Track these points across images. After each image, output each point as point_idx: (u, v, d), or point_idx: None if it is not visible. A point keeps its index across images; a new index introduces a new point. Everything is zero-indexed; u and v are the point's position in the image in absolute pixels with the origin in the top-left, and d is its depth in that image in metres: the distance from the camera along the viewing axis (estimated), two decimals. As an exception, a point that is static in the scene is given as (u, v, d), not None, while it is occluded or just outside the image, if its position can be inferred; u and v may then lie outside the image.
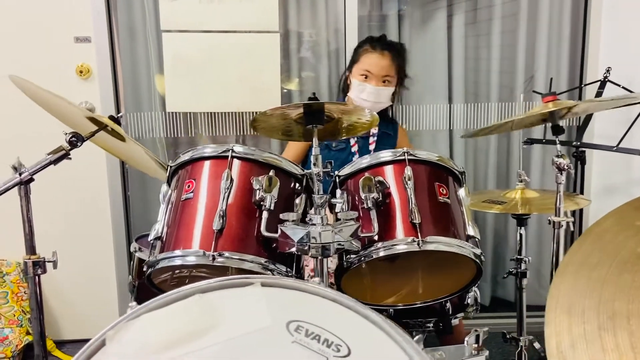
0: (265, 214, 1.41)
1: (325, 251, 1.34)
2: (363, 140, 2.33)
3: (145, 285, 1.57)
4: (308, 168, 1.49)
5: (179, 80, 2.62)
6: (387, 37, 2.42)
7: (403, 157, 1.53)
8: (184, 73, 2.61)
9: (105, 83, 2.65)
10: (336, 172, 1.59)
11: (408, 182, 1.49)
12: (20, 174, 1.50)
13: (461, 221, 1.54)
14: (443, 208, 1.52)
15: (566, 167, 1.54)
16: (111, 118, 1.66)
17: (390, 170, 1.54)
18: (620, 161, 2.68)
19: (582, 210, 2.83)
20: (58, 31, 2.58)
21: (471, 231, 1.52)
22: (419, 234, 1.43)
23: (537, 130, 2.80)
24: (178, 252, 1.40)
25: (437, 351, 1.22)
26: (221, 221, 1.39)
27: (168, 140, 2.83)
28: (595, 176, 2.77)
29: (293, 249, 1.36)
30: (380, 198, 1.47)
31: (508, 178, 2.99)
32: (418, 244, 1.42)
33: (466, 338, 1.24)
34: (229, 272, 1.56)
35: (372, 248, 1.46)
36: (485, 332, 1.23)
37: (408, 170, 1.50)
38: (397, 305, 1.66)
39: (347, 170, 1.58)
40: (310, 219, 1.37)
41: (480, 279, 1.58)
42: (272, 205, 1.41)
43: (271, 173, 1.46)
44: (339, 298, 0.83)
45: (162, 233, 1.47)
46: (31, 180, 1.52)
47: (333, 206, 1.54)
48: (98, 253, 2.77)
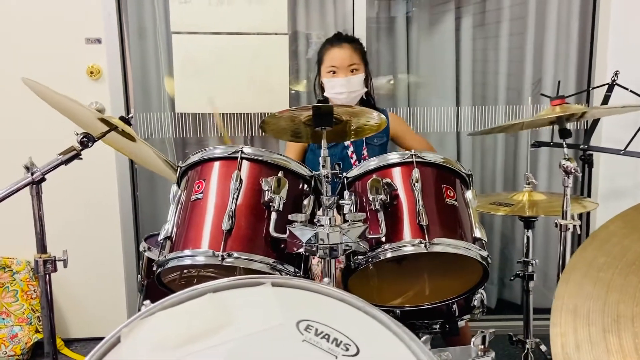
0: (273, 215, 1.42)
1: (333, 252, 1.35)
2: None
3: (153, 284, 1.58)
4: (315, 169, 1.50)
5: (188, 81, 2.64)
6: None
7: (411, 159, 1.54)
8: (193, 74, 2.63)
9: (115, 84, 2.67)
10: (344, 174, 1.60)
11: (415, 184, 1.49)
12: (32, 174, 1.52)
13: (468, 223, 1.54)
14: (450, 210, 1.53)
15: (573, 170, 1.55)
16: (122, 119, 1.68)
17: (398, 172, 1.55)
18: (627, 164, 2.67)
19: (589, 213, 2.83)
20: (69, 32, 2.61)
21: (478, 233, 1.53)
22: (426, 236, 1.43)
23: (545, 132, 2.80)
24: (187, 252, 1.42)
25: (444, 352, 1.23)
26: (230, 221, 1.40)
27: (177, 140, 2.85)
28: (602, 179, 2.77)
29: (301, 250, 1.37)
30: (387, 200, 1.48)
31: (515, 180, 3.00)
32: (425, 246, 1.42)
33: (472, 339, 1.24)
34: (237, 272, 1.58)
35: (380, 249, 1.47)
36: (491, 334, 1.23)
37: (416, 172, 1.51)
38: (404, 306, 1.67)
39: (355, 171, 1.59)
40: (318, 220, 1.38)
41: (486, 281, 1.59)
42: (281, 206, 1.42)
43: (280, 174, 1.47)
44: (348, 298, 0.84)
45: (172, 233, 1.49)
46: (43, 179, 1.54)
47: (341, 207, 1.55)
48: (107, 252, 2.79)
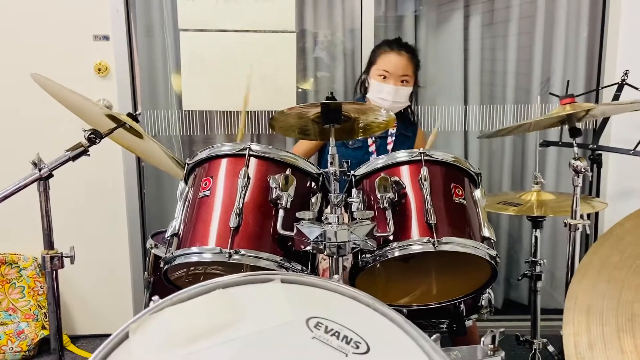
0: (281, 212, 1.41)
1: (340, 250, 1.35)
2: (381, 140, 2.33)
3: (160, 281, 1.59)
4: (324, 166, 1.50)
5: (196, 78, 2.64)
6: (403, 39, 2.42)
7: (419, 158, 1.53)
8: (201, 72, 2.63)
9: (122, 81, 2.67)
10: (352, 172, 1.59)
11: (424, 183, 1.49)
12: (39, 170, 1.52)
13: (477, 222, 1.54)
14: (459, 209, 1.52)
15: (583, 170, 1.54)
16: (129, 115, 1.67)
17: (406, 170, 1.54)
18: (636, 165, 2.65)
19: (598, 213, 2.81)
20: (77, 29, 2.61)
21: (487, 232, 1.52)
22: (435, 235, 1.43)
23: (553, 132, 2.79)
24: (194, 249, 1.41)
25: (453, 351, 1.22)
26: (238, 219, 1.39)
27: (184, 138, 2.85)
28: (611, 179, 2.75)
29: (308, 248, 1.36)
30: (396, 198, 1.47)
31: (523, 180, 2.98)
32: (433, 245, 1.42)
33: (482, 338, 1.23)
34: (244, 270, 1.57)
35: (387, 248, 1.46)
36: (501, 333, 1.22)
37: (424, 170, 1.50)
38: (411, 305, 1.66)
39: (363, 169, 1.58)
40: (326, 218, 1.38)
41: (495, 281, 1.58)
42: (289, 203, 1.42)
43: (288, 172, 1.47)
44: (358, 295, 0.83)
45: (179, 230, 1.49)
46: (50, 176, 1.54)
47: (349, 205, 1.54)
48: (113, 249, 2.79)
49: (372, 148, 2.33)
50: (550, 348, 2.09)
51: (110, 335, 0.83)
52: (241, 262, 1.39)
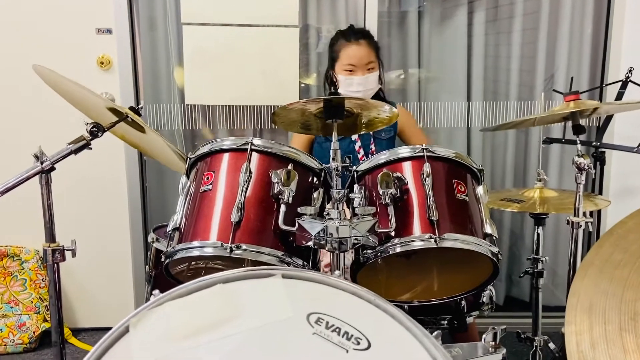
0: (283, 207, 1.41)
1: (342, 246, 1.34)
2: None
3: (161, 275, 1.58)
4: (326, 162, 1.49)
5: (198, 72, 2.63)
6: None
7: (422, 154, 1.53)
8: (203, 66, 2.62)
9: (125, 74, 2.67)
10: (354, 167, 1.59)
11: (426, 179, 1.48)
12: (41, 163, 1.52)
13: (479, 219, 1.53)
14: (461, 205, 1.52)
15: (586, 167, 1.53)
16: (132, 109, 1.67)
17: (408, 166, 1.54)
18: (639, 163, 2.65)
19: (600, 211, 2.80)
20: (79, 22, 2.60)
21: (489, 229, 1.51)
22: (436, 231, 1.42)
23: (556, 129, 2.78)
24: (196, 243, 1.41)
25: (453, 348, 1.22)
26: (239, 213, 1.39)
27: (186, 132, 2.84)
28: (613, 177, 2.74)
29: (310, 243, 1.36)
30: (398, 194, 1.47)
31: (525, 177, 2.97)
32: (435, 241, 1.41)
33: (484, 335, 1.23)
34: (245, 265, 1.57)
35: (389, 244, 1.46)
36: (502, 330, 1.22)
37: (426, 166, 1.49)
38: (412, 301, 1.66)
39: (366, 165, 1.58)
40: (327, 214, 1.37)
41: (496, 278, 1.57)
42: (290, 198, 1.41)
43: (290, 167, 1.47)
44: (359, 291, 0.83)
45: (181, 224, 1.49)
46: (52, 169, 1.54)
47: (350, 201, 1.54)
48: (115, 243, 2.79)
49: (355, 136, 2.32)
50: (551, 345, 2.09)
51: (111, 328, 0.83)
52: (242, 257, 1.39)
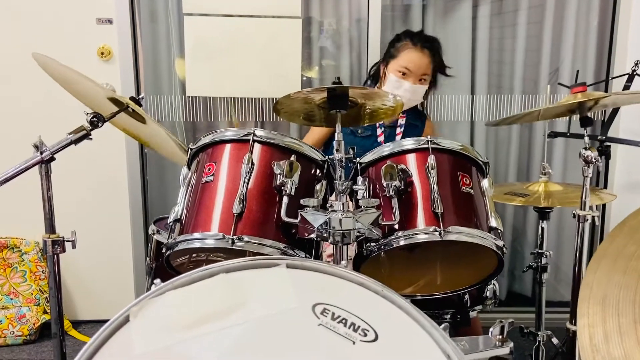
0: (285, 199, 1.39)
1: (345, 238, 1.32)
2: (390, 129, 2.30)
3: (162, 267, 1.57)
4: (330, 153, 1.47)
5: (200, 64, 2.61)
6: (410, 28, 2.37)
7: (426, 146, 1.51)
8: (205, 57, 2.60)
9: (125, 65, 2.65)
10: (358, 159, 1.57)
11: (431, 171, 1.46)
12: (41, 153, 1.49)
13: (484, 212, 1.51)
14: (466, 198, 1.50)
15: (594, 160, 1.51)
16: (132, 99, 1.65)
17: (413, 158, 1.52)
18: (644, 157, 2.63)
19: (605, 205, 2.79)
20: (80, 12, 2.58)
21: (494, 222, 1.50)
22: (441, 224, 1.41)
23: (560, 123, 2.76)
24: (197, 235, 1.40)
25: (460, 342, 1.20)
26: (241, 205, 1.37)
27: (187, 124, 2.83)
28: (619, 171, 2.72)
29: (313, 235, 1.34)
30: (402, 186, 1.45)
31: (529, 171, 2.96)
32: (440, 234, 1.39)
33: (490, 329, 1.22)
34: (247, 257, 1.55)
35: (393, 237, 1.44)
36: (510, 324, 1.20)
37: (431, 159, 1.47)
38: (415, 295, 1.64)
39: (369, 157, 1.56)
40: (330, 206, 1.35)
41: (501, 271, 1.56)
42: (293, 190, 1.39)
43: (292, 158, 1.44)
44: (367, 282, 0.81)
45: (182, 215, 1.47)
46: (52, 159, 1.51)
47: (354, 193, 1.52)
48: (115, 235, 2.78)
49: (381, 138, 2.29)
50: (554, 340, 2.08)
51: (112, 318, 0.82)
52: (244, 249, 1.37)
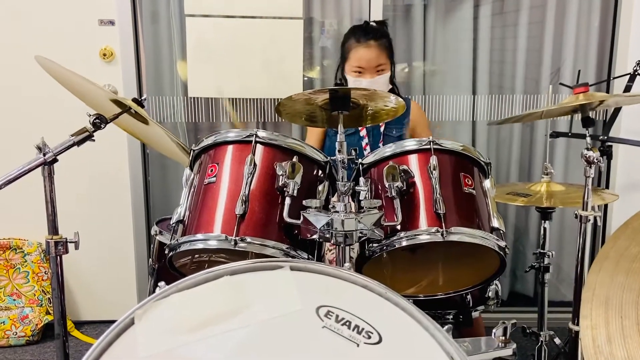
0: (287, 200, 1.39)
1: (347, 239, 1.33)
2: None
3: (164, 268, 1.57)
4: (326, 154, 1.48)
5: (201, 65, 2.62)
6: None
7: (428, 147, 1.51)
8: (207, 58, 2.61)
9: (128, 66, 2.65)
10: (360, 160, 1.57)
11: (433, 172, 1.46)
12: (44, 154, 1.50)
13: (486, 213, 1.51)
14: (468, 199, 1.50)
15: (596, 161, 1.51)
16: (135, 100, 1.65)
17: (414, 159, 1.52)
18: (646, 157, 2.63)
19: (606, 205, 2.79)
20: (82, 14, 2.59)
21: (496, 223, 1.50)
22: (443, 225, 1.41)
23: (562, 123, 2.76)
24: (200, 236, 1.40)
25: (463, 342, 1.21)
26: (243, 206, 1.38)
27: (189, 125, 2.83)
28: (620, 171, 2.72)
29: (315, 236, 1.35)
30: (404, 187, 1.45)
31: (530, 171, 2.96)
32: (442, 235, 1.39)
33: (494, 330, 1.22)
34: (250, 258, 1.55)
35: (395, 237, 1.44)
36: (513, 325, 1.21)
37: (433, 159, 1.47)
38: (418, 296, 1.64)
39: (371, 158, 1.56)
40: (333, 206, 1.36)
41: (503, 272, 1.56)
42: (295, 191, 1.39)
43: (295, 159, 1.45)
44: (370, 284, 0.81)
45: (184, 217, 1.47)
46: (55, 160, 1.52)
47: (356, 194, 1.52)
48: (118, 235, 2.78)
49: (363, 132, 2.28)
50: (556, 340, 2.08)
51: (114, 321, 0.82)
52: (247, 250, 1.37)
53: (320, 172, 1.54)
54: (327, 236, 1.33)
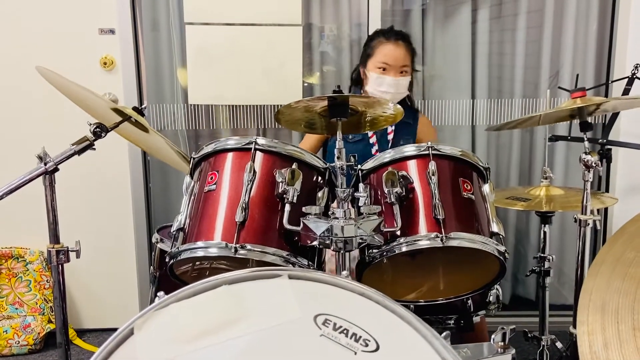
0: (287, 207, 1.40)
1: (347, 245, 1.33)
2: (381, 130, 2.29)
3: (166, 276, 1.58)
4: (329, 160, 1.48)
5: (202, 72, 2.63)
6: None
7: (427, 152, 1.51)
8: (207, 65, 2.62)
9: (128, 75, 2.66)
10: (359, 166, 1.57)
11: (432, 177, 1.47)
12: (45, 164, 1.51)
13: (485, 217, 1.52)
14: (467, 204, 1.50)
15: (594, 165, 1.51)
16: (135, 109, 1.66)
17: (413, 164, 1.52)
18: (646, 160, 2.63)
19: (607, 209, 2.79)
20: (82, 23, 2.60)
21: (495, 228, 1.50)
22: (442, 230, 1.41)
23: (561, 127, 2.76)
24: (200, 244, 1.40)
25: (462, 349, 1.21)
26: (243, 213, 1.38)
27: (190, 132, 2.84)
28: (620, 174, 2.72)
29: (315, 242, 1.35)
30: (403, 193, 1.45)
31: (530, 175, 2.96)
32: (441, 240, 1.40)
33: (492, 335, 1.22)
34: (250, 265, 1.56)
35: (395, 243, 1.44)
36: (512, 330, 1.21)
37: (432, 165, 1.48)
38: (419, 301, 1.65)
39: (370, 164, 1.57)
40: (332, 213, 1.36)
41: (503, 277, 1.56)
42: (295, 198, 1.40)
43: (294, 166, 1.45)
44: (368, 292, 0.82)
45: (185, 224, 1.48)
46: (56, 170, 1.53)
47: (355, 200, 1.53)
48: (119, 243, 2.79)
49: (373, 139, 2.29)
50: (558, 344, 2.08)
51: (116, 329, 0.82)
52: (247, 257, 1.38)
53: (319, 179, 1.55)
54: (327, 242, 1.34)
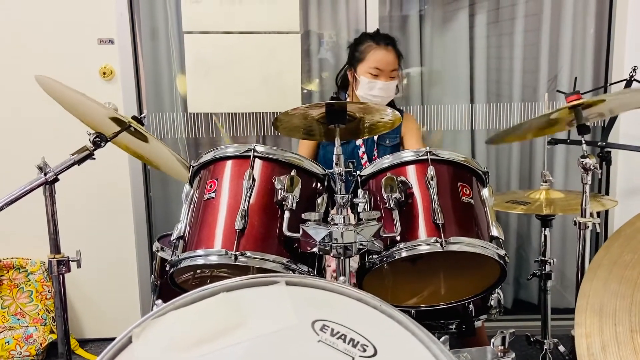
0: (287, 214, 1.40)
1: (347, 251, 1.33)
2: None
3: (167, 284, 1.58)
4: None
5: (201, 81, 2.64)
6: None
7: (426, 157, 1.52)
8: (205, 74, 2.63)
9: (127, 84, 2.67)
10: (358, 172, 1.58)
11: (431, 182, 1.47)
12: (45, 174, 1.52)
13: (485, 221, 1.52)
14: (466, 208, 1.50)
15: (592, 168, 1.52)
16: (134, 118, 1.67)
17: (412, 170, 1.53)
18: (646, 162, 2.63)
19: (607, 211, 2.78)
20: (81, 33, 2.61)
21: (495, 232, 1.50)
22: (442, 235, 1.41)
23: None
24: (200, 252, 1.41)
25: (462, 353, 1.20)
26: (243, 221, 1.39)
27: (189, 140, 2.85)
28: (620, 177, 2.72)
29: (315, 249, 1.35)
30: (402, 198, 1.46)
31: (530, 179, 2.96)
32: (441, 245, 1.40)
33: (492, 340, 1.22)
34: (250, 272, 1.56)
35: (395, 248, 1.44)
36: (511, 334, 1.21)
37: (431, 170, 1.48)
38: (420, 306, 1.64)
39: (369, 170, 1.57)
40: (332, 219, 1.36)
41: (504, 281, 1.56)
42: (294, 204, 1.41)
43: (293, 173, 1.46)
44: (365, 298, 0.82)
45: (185, 232, 1.48)
46: (56, 180, 1.54)
47: (355, 206, 1.53)
48: (120, 252, 2.79)
49: (359, 141, 2.31)
50: (561, 348, 2.07)
51: (116, 339, 0.82)
52: (247, 265, 1.38)
53: (318, 185, 1.55)
54: (327, 249, 1.34)
